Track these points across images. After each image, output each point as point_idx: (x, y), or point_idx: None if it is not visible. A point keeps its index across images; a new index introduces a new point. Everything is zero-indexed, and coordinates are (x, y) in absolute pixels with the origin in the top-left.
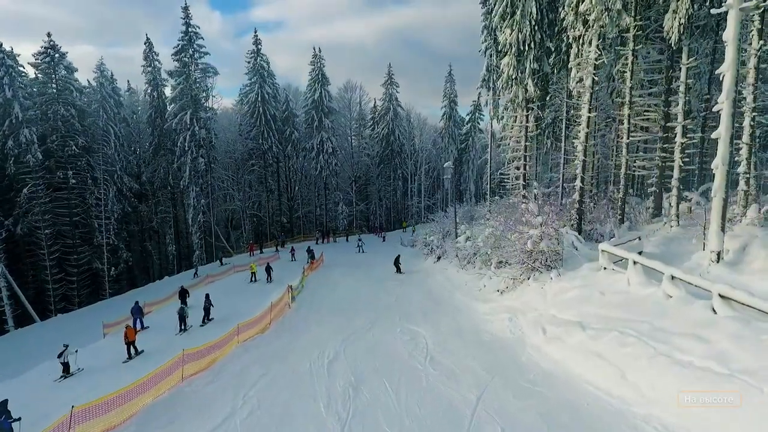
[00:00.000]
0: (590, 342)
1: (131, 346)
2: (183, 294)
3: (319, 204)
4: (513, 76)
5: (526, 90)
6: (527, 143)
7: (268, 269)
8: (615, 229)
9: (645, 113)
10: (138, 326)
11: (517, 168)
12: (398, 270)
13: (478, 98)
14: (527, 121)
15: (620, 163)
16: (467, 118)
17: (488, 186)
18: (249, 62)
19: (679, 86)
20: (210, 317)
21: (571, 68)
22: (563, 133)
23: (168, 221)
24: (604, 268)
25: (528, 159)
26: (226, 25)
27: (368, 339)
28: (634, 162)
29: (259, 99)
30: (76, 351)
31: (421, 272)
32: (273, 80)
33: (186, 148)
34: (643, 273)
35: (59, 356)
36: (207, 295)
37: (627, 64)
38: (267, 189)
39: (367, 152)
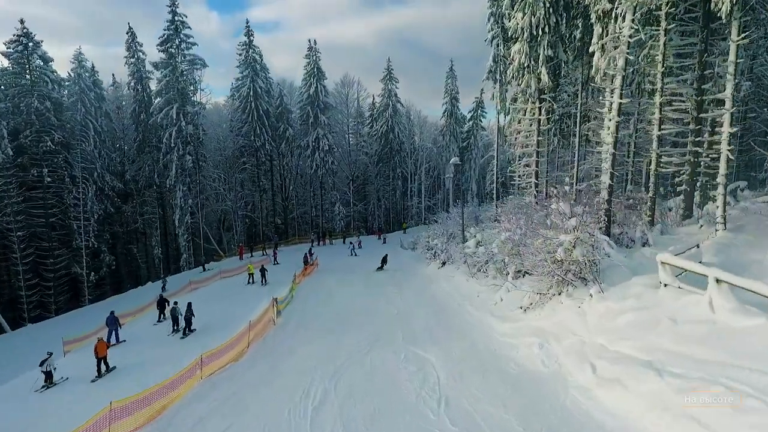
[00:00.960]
0: (675, 396)
1: (101, 362)
2: (162, 304)
3: (315, 204)
4: (525, 64)
5: (539, 79)
6: (539, 138)
7: (263, 270)
8: (647, 233)
9: (674, 103)
10: (113, 340)
11: (527, 165)
12: (381, 267)
13: (481, 94)
14: (540, 114)
15: (646, 160)
16: (469, 116)
17: (495, 185)
18: (240, 54)
19: (712, 72)
20: (192, 328)
21: (593, 52)
22: (577, 129)
23: (154, 222)
24: (665, 285)
25: (539, 155)
26: (224, 25)
27: (365, 367)
28: (660, 158)
29: (251, 93)
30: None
31: (424, 278)
32: (266, 74)
33: (172, 145)
34: (732, 295)
35: (41, 365)
36: (189, 305)
37: (658, 46)
38: (260, 188)
39: (365, 150)
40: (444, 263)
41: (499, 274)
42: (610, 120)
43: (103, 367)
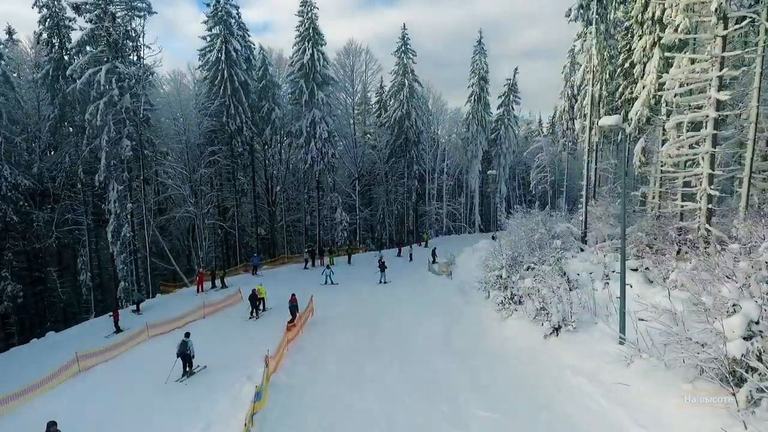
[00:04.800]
0: None
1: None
2: None
3: (310, 210)
4: None
5: None
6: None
7: (252, 299)
8: None
9: None
10: None
11: (696, 144)
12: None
13: (514, 75)
14: (723, 48)
15: None
16: (499, 102)
17: (586, 186)
18: (209, 4)
19: None
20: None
21: None
22: None
23: (81, 236)
24: None
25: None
26: None
27: None
28: None
29: (223, 58)
30: None
31: (528, 371)
32: (245, 34)
33: (100, 123)
34: None
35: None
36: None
37: None
38: (236, 189)
39: (371, 143)
40: (557, 329)
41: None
42: None
43: None
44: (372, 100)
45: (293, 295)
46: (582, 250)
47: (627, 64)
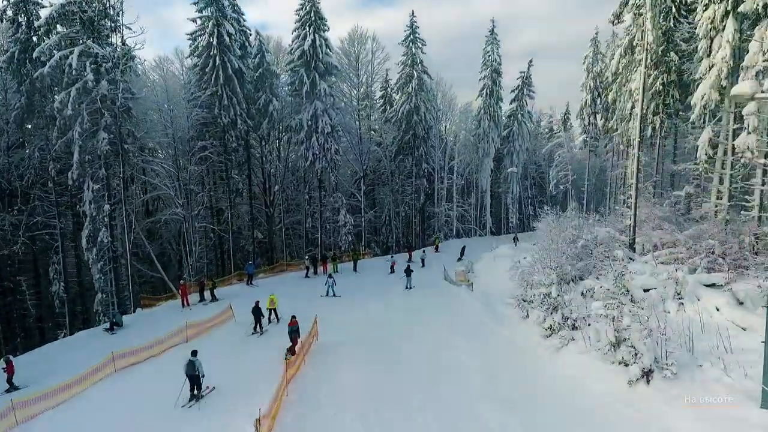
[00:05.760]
0: None
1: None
2: None
3: (311, 211)
4: None
5: None
6: None
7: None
8: None
9: None
10: None
11: None
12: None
13: (528, 68)
14: None
15: None
16: (512, 97)
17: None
18: None
19: None
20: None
21: None
22: None
23: (54, 242)
24: None
25: None
26: None
27: None
28: None
29: (215, 42)
30: None
31: None
32: (240, 18)
33: (72, 113)
34: None
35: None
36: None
37: None
38: (230, 188)
39: (377, 139)
40: (647, 373)
41: None
42: None
43: None
44: (377, 94)
45: (293, 318)
46: (631, 259)
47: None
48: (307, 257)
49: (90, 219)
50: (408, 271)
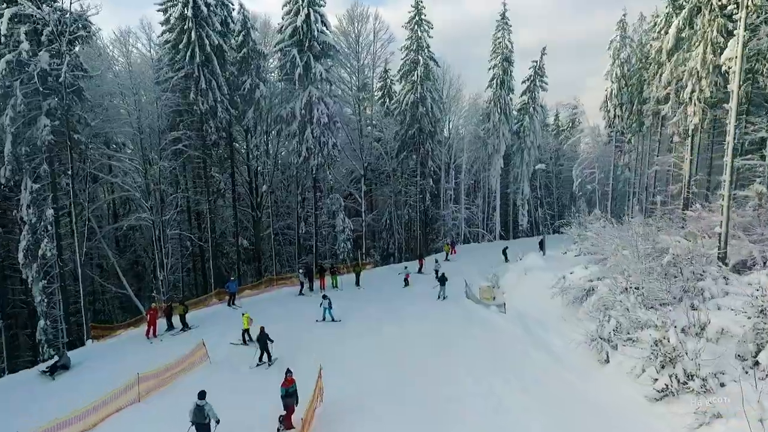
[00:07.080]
0: None
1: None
2: None
3: (304, 215)
4: None
5: None
6: None
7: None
8: None
9: None
10: None
11: None
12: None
13: (541, 57)
14: None
15: None
16: (523, 88)
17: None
18: None
19: None
20: None
21: None
22: None
23: None
24: None
25: None
26: None
27: None
28: None
29: (190, 14)
30: None
31: None
32: None
33: (1, 93)
34: None
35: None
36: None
37: None
38: (209, 188)
39: (376, 134)
40: None
41: None
42: None
43: None
44: (376, 84)
45: (288, 375)
46: (726, 279)
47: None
48: (300, 271)
49: (28, 227)
50: (443, 279)
